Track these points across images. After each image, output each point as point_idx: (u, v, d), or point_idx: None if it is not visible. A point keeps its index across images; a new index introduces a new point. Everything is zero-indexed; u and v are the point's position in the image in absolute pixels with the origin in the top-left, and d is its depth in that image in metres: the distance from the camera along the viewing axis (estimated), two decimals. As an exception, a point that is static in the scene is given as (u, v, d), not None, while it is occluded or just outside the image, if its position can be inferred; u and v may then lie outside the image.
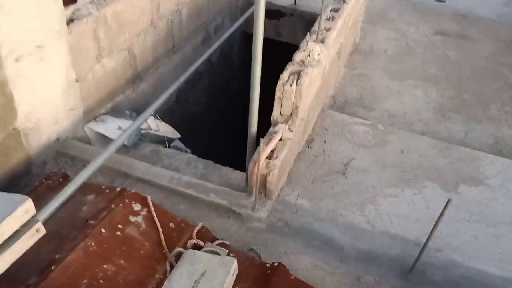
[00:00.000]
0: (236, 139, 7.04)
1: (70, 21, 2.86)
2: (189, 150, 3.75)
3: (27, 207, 1.63)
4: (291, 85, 2.65)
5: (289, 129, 2.76)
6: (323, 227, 2.62)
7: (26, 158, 2.72)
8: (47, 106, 2.74)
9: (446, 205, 2.06)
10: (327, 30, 3.18)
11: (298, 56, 2.86)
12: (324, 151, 3.18)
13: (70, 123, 3.00)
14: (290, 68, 2.75)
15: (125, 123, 3.29)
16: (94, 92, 3.21)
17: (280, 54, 7.29)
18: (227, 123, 6.33)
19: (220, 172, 3.16)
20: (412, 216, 2.75)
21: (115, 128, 3.25)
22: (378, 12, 5.44)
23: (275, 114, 2.79)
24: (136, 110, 3.79)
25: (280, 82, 2.69)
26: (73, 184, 2.12)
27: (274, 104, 2.77)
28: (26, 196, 1.66)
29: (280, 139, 2.75)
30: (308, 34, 3.11)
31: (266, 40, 5.95)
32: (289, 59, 2.95)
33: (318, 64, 2.89)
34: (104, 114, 3.36)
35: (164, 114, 4.27)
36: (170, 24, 4.04)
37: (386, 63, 4.42)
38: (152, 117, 3.40)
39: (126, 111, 3.45)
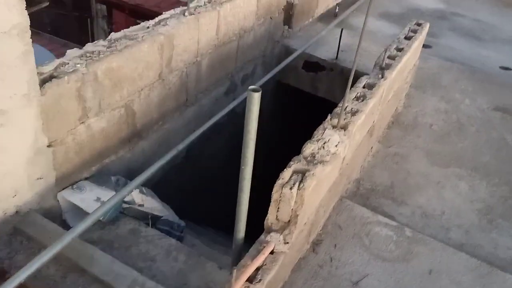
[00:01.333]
0: (252, 198, 6.50)
1: (49, 78, 2.48)
2: (182, 224, 3.26)
3: None
4: (291, 189, 2.11)
5: (284, 240, 2.20)
6: None
7: (-31, 237, 2.32)
8: (4, 179, 2.35)
9: None
10: (354, 113, 2.61)
11: (308, 148, 2.31)
12: (331, 260, 2.58)
13: (35, 194, 2.59)
14: (293, 166, 2.21)
15: (105, 194, 2.84)
16: (74, 156, 2.79)
17: (314, 109, 6.76)
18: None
19: (203, 270, 2.64)
20: None
21: (92, 200, 2.81)
22: (430, 77, 4.80)
23: (270, 219, 2.24)
24: (131, 172, 3.36)
25: (278, 182, 2.15)
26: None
27: (270, 207, 2.22)
28: None
29: (271, 252, 2.19)
30: (329, 117, 2.56)
31: (301, 93, 5.45)
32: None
33: (333, 159, 2.33)
34: (85, 179, 2.94)
35: (168, 174, 3.83)
36: (184, 77, 3.62)
37: (429, 142, 3.77)
38: (137, 190, 2.93)
39: (112, 177, 3.01)
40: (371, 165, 3.43)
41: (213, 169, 4.74)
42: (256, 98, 1.75)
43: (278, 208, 2.19)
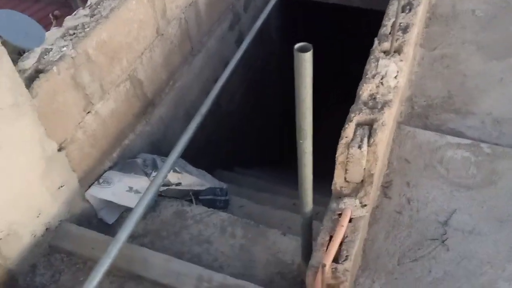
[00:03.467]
0: (275, 127, 6.09)
1: (35, 74, 2.04)
2: (224, 186, 2.96)
3: None
4: (360, 147, 1.72)
5: (360, 204, 1.86)
6: None
7: (3, 273, 2.04)
8: (20, 203, 2.01)
9: None
10: (404, 30, 2.13)
11: (365, 89, 1.89)
12: (409, 202, 2.25)
13: (62, 204, 2.27)
14: (355, 118, 1.79)
15: (136, 181, 2.51)
16: (90, 149, 2.43)
17: (348, 22, 6.00)
18: (267, 113, 5.44)
19: (266, 240, 2.37)
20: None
21: (125, 191, 2.49)
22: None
23: (338, 182, 1.88)
24: (155, 145, 3.00)
25: (342, 142, 1.77)
26: None
27: (335, 170, 1.85)
28: None
29: (350, 220, 1.87)
30: (376, 41, 2.09)
31: (332, 7, 4.77)
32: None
33: (396, 95, 1.91)
34: (109, 169, 2.60)
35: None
36: (184, 24, 3.10)
37: (477, 32, 3.25)
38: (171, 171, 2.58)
39: (137, 160, 2.66)
40: (419, 76, 2.96)
41: (234, 111, 4.35)
42: (307, 59, 1.31)
43: (346, 170, 1.82)
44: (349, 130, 1.76)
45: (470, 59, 3.06)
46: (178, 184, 2.55)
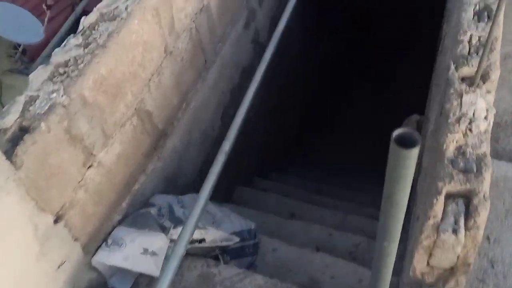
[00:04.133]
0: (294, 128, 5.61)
1: (19, 133, 1.60)
2: (252, 226, 2.55)
3: None
4: (455, 232, 1.28)
5: (448, 296, 1.43)
6: None
7: None
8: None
9: None
10: (484, 45, 1.65)
11: (450, 141, 1.43)
12: (492, 265, 1.83)
13: (64, 283, 1.86)
14: (445, 188, 1.34)
15: (152, 240, 2.09)
16: (94, 207, 2.00)
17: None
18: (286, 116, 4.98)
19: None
20: None
21: (139, 253, 2.07)
22: None
23: (419, 268, 1.45)
24: (169, 181, 2.58)
25: (429, 224, 1.32)
26: None
27: (416, 253, 1.42)
28: None
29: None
30: (451, 65, 1.61)
31: None
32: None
33: (486, 141, 1.46)
34: (118, 224, 2.18)
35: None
36: (195, 35, 2.62)
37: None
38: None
39: (151, 210, 2.23)
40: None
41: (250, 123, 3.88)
42: (412, 157, 0.86)
43: (431, 253, 1.39)
44: (437, 207, 1.32)
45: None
46: (202, 240, 2.13)
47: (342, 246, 2.84)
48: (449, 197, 1.33)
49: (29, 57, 3.91)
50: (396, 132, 0.86)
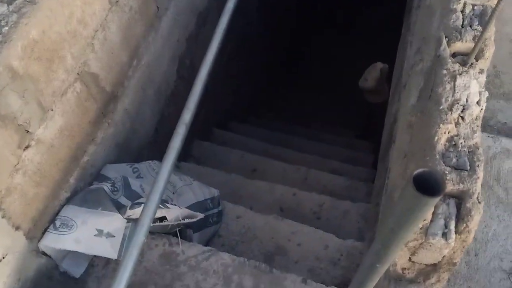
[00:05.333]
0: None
1: None
2: (216, 194, 2.40)
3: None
4: (445, 236, 1.17)
5: (430, 290, 1.36)
6: None
7: None
8: None
9: None
10: (480, 17, 1.47)
11: (441, 135, 1.28)
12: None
13: (7, 278, 1.66)
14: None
15: (107, 220, 1.90)
16: (37, 189, 1.76)
17: None
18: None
19: (284, 290, 1.88)
20: None
21: (92, 234, 1.87)
22: None
23: (400, 263, 1.35)
24: (122, 148, 2.34)
25: (417, 229, 1.20)
26: None
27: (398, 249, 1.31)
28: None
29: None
30: (443, 39, 1.43)
31: None
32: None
33: (478, 128, 1.33)
34: (67, 201, 1.95)
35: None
36: (144, -21, 2.27)
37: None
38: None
39: (104, 186, 2.01)
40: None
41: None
42: (430, 204, 0.70)
43: (414, 252, 1.29)
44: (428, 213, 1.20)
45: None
46: (163, 219, 1.95)
47: (306, 206, 2.76)
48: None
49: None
50: (417, 172, 0.69)
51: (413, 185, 0.69)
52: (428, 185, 0.70)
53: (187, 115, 1.90)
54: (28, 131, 1.63)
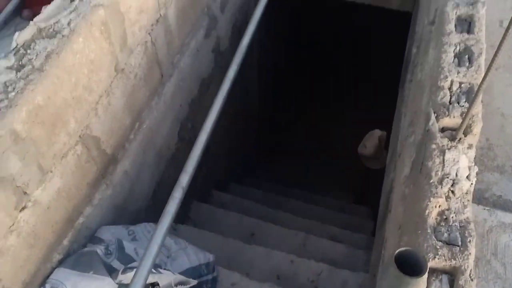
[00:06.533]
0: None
1: None
2: (211, 259, 2.37)
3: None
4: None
5: None
6: None
7: None
8: None
9: None
10: (467, 94, 1.53)
11: (432, 206, 1.29)
12: None
13: None
14: (429, 263, 1.20)
15: (98, 285, 1.87)
16: (29, 250, 1.76)
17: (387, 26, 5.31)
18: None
19: None
20: None
21: (83, 301, 1.84)
22: None
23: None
24: (119, 210, 2.35)
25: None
26: None
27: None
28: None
29: None
30: (432, 114, 1.48)
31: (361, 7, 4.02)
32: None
33: (469, 202, 1.34)
34: (59, 264, 1.93)
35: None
36: (151, 48, 2.38)
37: (510, 52, 2.70)
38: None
39: (97, 249, 1.99)
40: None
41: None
42: (417, 285, 0.71)
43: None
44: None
45: (508, 92, 2.52)
46: (155, 284, 1.92)
47: (304, 274, 2.71)
48: (433, 271, 1.20)
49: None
50: (399, 251, 0.70)
51: (395, 265, 0.70)
52: (411, 265, 0.71)
53: (185, 179, 1.92)
54: (26, 193, 1.65)
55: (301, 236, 3.20)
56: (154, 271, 1.89)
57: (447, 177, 1.33)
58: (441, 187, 1.31)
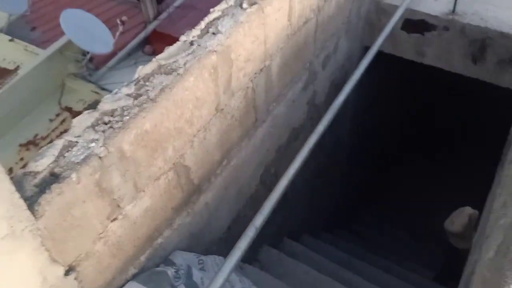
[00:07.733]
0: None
1: (49, 178, 1.55)
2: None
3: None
4: None
5: None
6: None
7: None
8: None
9: None
10: None
11: None
12: None
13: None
14: None
15: (165, 304, 1.98)
16: (111, 259, 1.92)
17: (421, 80, 5.42)
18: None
19: None
20: None
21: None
22: None
23: None
24: (194, 238, 2.47)
25: None
26: None
27: None
28: None
29: None
30: None
31: (401, 61, 4.16)
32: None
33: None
34: (132, 280, 2.08)
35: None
36: (250, 94, 2.56)
37: None
38: None
39: (168, 271, 2.12)
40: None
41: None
42: None
43: None
44: None
45: None
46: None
47: None
48: None
49: (95, 64, 4.03)
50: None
51: None
52: None
53: (259, 220, 2.00)
54: (119, 206, 1.83)
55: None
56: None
57: None
58: None
